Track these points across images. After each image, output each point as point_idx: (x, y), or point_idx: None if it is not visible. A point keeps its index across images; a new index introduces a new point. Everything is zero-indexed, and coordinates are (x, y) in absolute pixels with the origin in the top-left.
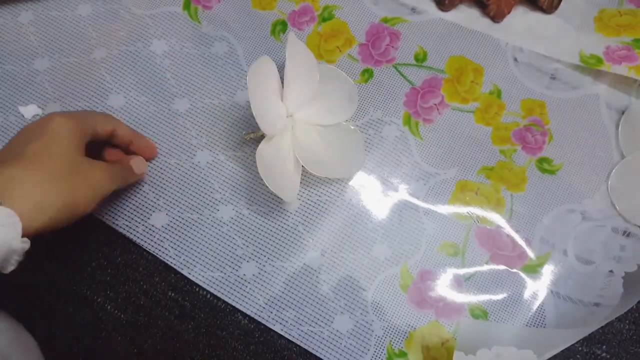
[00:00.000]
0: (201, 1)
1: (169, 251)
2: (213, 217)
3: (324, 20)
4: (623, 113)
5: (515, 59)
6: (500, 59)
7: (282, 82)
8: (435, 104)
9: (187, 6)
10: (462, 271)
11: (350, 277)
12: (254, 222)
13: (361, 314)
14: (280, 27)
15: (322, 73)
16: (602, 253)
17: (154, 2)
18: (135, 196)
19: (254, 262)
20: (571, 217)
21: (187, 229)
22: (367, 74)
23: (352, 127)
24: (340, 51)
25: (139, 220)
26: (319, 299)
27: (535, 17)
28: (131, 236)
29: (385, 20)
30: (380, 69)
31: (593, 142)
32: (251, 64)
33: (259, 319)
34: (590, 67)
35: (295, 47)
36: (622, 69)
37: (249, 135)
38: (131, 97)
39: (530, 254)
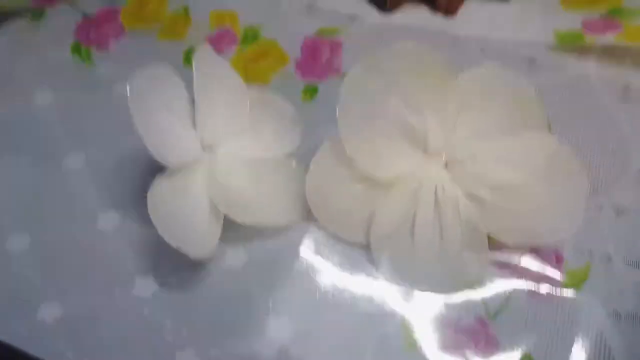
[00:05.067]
0: (93, 41)
1: (67, 355)
2: (128, 296)
3: (249, 42)
4: (623, 89)
5: (482, 50)
6: (464, 53)
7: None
8: None
9: (76, 49)
10: (485, 310)
11: (335, 348)
12: (187, 293)
13: None
14: None
15: (252, 99)
16: None
17: (33, 50)
18: (15, 286)
19: (192, 350)
20: (603, 213)
21: (93, 319)
22: (311, 91)
23: (294, 163)
24: (273, 71)
25: (22, 317)
26: None
27: (493, 8)
28: (11, 342)
29: (321, 32)
30: (326, 83)
31: (597, 124)
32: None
33: None
34: (570, 44)
35: (208, 60)
36: (608, 39)
37: None
38: (7, 160)
39: (566, 270)
